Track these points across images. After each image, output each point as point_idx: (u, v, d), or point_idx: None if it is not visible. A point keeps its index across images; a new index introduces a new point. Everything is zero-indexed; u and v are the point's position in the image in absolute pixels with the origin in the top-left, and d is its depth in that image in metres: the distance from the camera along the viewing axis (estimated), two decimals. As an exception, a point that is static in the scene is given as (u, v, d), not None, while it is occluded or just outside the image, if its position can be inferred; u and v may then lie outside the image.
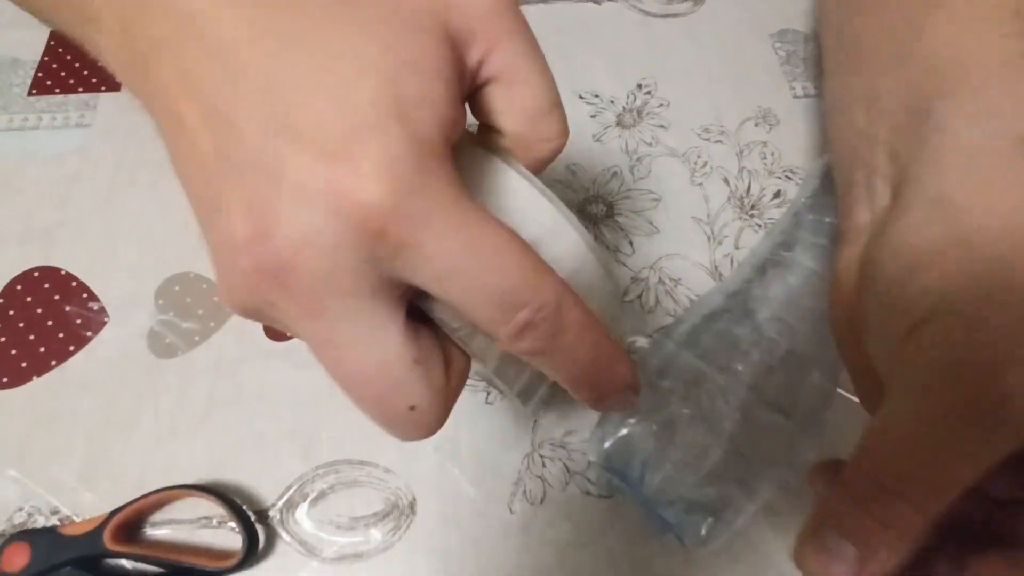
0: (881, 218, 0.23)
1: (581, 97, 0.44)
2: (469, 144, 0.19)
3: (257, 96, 0.15)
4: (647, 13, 0.48)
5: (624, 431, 0.28)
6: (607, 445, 0.28)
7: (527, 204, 0.19)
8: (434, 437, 0.32)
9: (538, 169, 0.21)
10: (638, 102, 0.44)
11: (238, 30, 0.16)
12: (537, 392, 0.22)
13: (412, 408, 0.17)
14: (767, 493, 0.27)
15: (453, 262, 0.16)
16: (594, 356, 0.18)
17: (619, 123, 0.43)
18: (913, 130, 0.22)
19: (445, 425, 0.32)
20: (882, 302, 0.20)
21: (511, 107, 0.19)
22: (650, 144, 0.42)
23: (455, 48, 0.17)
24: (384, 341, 0.17)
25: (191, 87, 0.16)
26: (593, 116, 0.43)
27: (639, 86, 0.44)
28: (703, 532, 0.26)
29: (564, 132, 0.20)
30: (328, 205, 0.15)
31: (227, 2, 0.16)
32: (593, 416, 0.32)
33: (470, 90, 0.19)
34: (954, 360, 0.18)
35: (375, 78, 0.15)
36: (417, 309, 0.18)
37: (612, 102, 0.44)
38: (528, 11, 0.50)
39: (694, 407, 0.27)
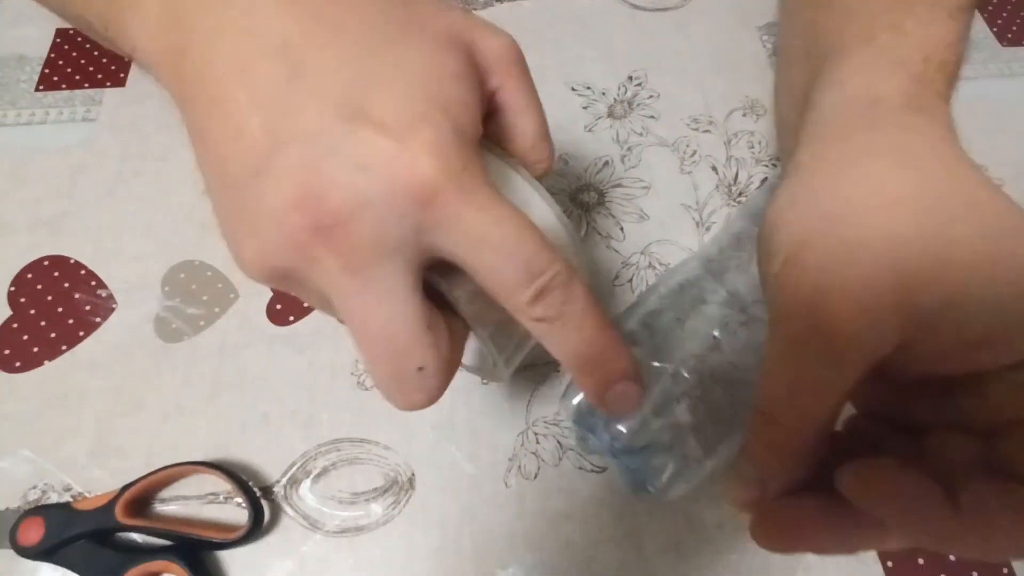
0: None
1: (573, 89, 0.45)
2: (483, 149, 0.23)
3: (322, 87, 0.18)
4: (638, 7, 0.49)
5: None
6: (575, 401, 0.30)
7: (528, 199, 0.23)
8: (432, 415, 0.34)
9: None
10: (629, 93, 0.45)
11: (304, 36, 0.18)
12: (517, 358, 0.25)
13: (421, 369, 0.19)
14: (729, 450, 0.28)
15: (487, 233, 0.18)
16: (595, 335, 0.20)
17: (610, 114, 0.44)
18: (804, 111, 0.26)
19: (442, 403, 0.34)
20: (761, 251, 0.23)
21: (513, 132, 0.23)
22: (640, 134, 0.43)
23: (479, 74, 0.21)
24: (407, 303, 0.19)
25: (244, 74, 0.18)
26: (585, 107, 0.44)
27: (630, 78, 0.45)
28: (664, 478, 0.27)
29: (551, 158, 0.24)
30: (387, 175, 0.17)
31: (289, 11, 0.18)
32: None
33: (483, 112, 0.22)
34: (796, 297, 0.20)
35: (427, 80, 0.19)
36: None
37: (604, 93, 0.45)
38: (523, 6, 0.51)
39: (661, 361, 0.28)
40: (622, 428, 0.29)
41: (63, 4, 0.26)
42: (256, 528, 0.30)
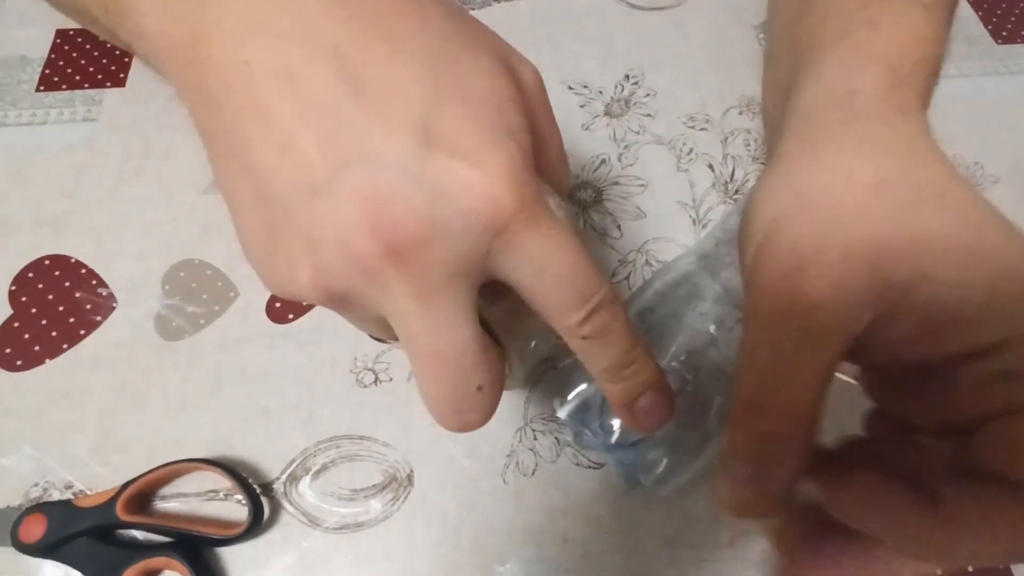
0: None
1: (571, 88, 0.45)
2: None
3: (389, 105, 0.17)
4: (634, 6, 0.49)
5: (584, 385, 0.30)
6: (570, 397, 0.30)
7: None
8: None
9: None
10: (626, 92, 0.45)
11: (358, 44, 0.17)
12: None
13: (479, 389, 0.19)
14: (723, 445, 0.28)
15: (550, 259, 0.19)
16: (629, 348, 0.21)
17: (607, 112, 0.44)
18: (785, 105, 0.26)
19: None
20: (741, 237, 0.23)
21: (539, 158, 0.23)
22: (637, 132, 0.43)
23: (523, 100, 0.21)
24: (469, 325, 0.19)
25: (291, 83, 0.17)
26: (582, 106, 0.44)
27: (627, 76, 0.46)
28: (658, 472, 0.28)
29: (569, 176, 0.25)
30: (465, 202, 0.17)
31: (336, 12, 0.17)
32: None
33: None
34: (772, 275, 0.20)
35: (493, 104, 0.19)
36: None
37: (601, 92, 0.45)
38: (520, 5, 0.52)
39: (656, 357, 0.29)
40: (614, 423, 0.29)
41: (85, 10, 0.24)
42: (256, 525, 0.30)
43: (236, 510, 0.32)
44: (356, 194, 0.17)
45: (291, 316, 0.36)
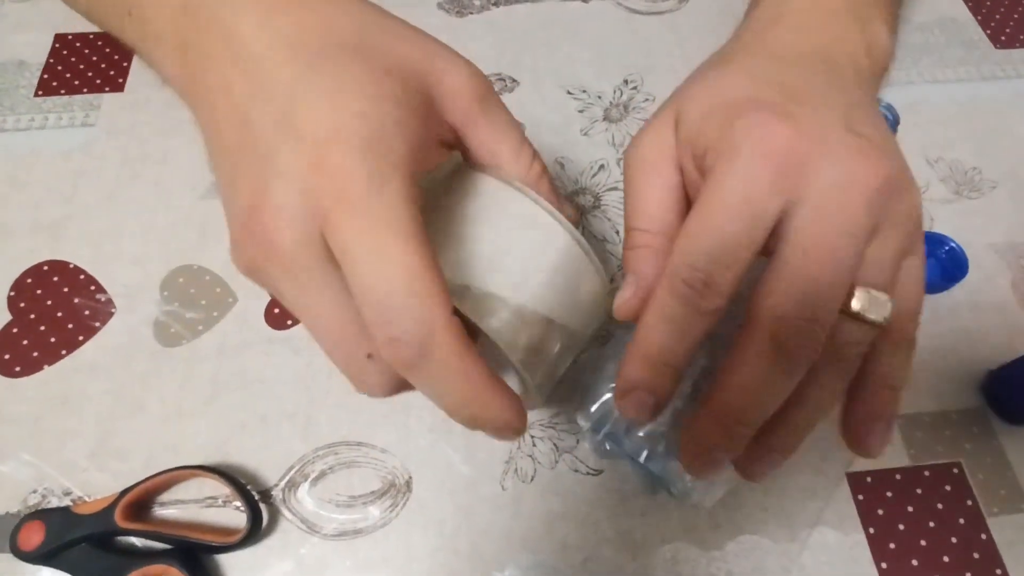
0: None
1: (569, 93, 0.45)
2: (469, 170, 0.25)
3: (272, 105, 0.20)
4: (633, 11, 0.49)
5: (608, 395, 0.30)
6: (593, 408, 0.30)
7: (531, 219, 0.24)
8: (428, 418, 0.34)
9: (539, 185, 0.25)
10: (624, 97, 0.45)
11: (271, 55, 0.21)
12: (549, 384, 0.27)
13: (369, 356, 0.21)
14: None
15: (355, 254, 0.19)
16: (459, 396, 0.20)
17: (606, 117, 0.44)
18: None
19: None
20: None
21: (496, 158, 0.25)
22: (636, 137, 0.43)
23: (429, 105, 0.23)
24: (333, 299, 0.21)
25: (227, 93, 0.21)
26: (581, 111, 0.44)
27: (625, 81, 0.46)
28: (688, 482, 0.27)
29: (536, 156, 0.26)
30: (300, 188, 0.20)
31: (268, 34, 0.22)
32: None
33: (456, 141, 0.25)
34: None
35: (358, 107, 0.20)
36: None
37: (599, 97, 0.45)
38: (518, 10, 0.52)
39: None
40: (641, 434, 0.29)
41: (108, 27, 0.29)
42: (255, 531, 0.30)
43: (234, 517, 0.32)
44: (244, 185, 0.21)
45: (289, 322, 0.36)
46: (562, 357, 0.25)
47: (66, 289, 0.37)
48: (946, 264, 0.38)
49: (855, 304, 0.23)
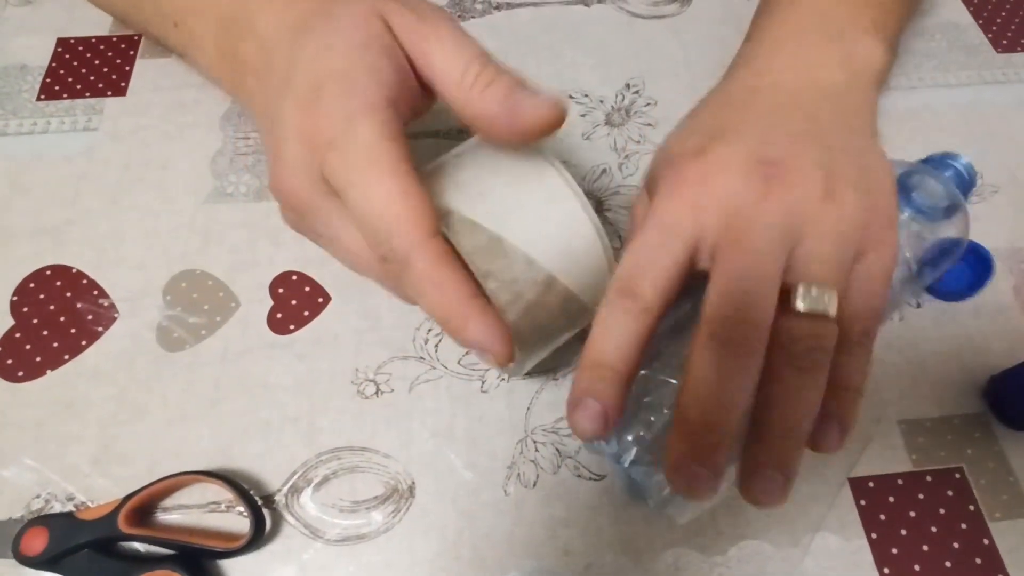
0: None
1: (571, 97, 0.45)
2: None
3: (277, 75, 0.27)
4: (635, 15, 0.49)
5: None
6: None
7: (538, 173, 0.28)
8: (431, 422, 0.34)
9: (541, 129, 0.26)
10: (626, 101, 0.45)
11: (277, 37, 0.28)
12: (531, 359, 0.31)
13: (384, 259, 0.25)
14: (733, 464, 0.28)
15: (343, 187, 0.24)
16: (441, 306, 0.24)
17: (608, 122, 0.44)
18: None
19: (441, 411, 0.34)
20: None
21: (444, 77, 0.27)
22: (638, 142, 0.43)
23: (392, 46, 0.27)
24: (344, 228, 0.27)
25: (258, 82, 0.29)
26: (583, 115, 0.44)
27: (627, 86, 0.46)
28: (665, 492, 0.28)
29: (490, 62, 0.27)
30: (298, 138, 0.25)
31: (276, 24, 0.29)
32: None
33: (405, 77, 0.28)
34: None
35: (339, 52, 0.25)
36: None
37: (601, 101, 0.45)
38: (520, 13, 0.52)
39: (663, 371, 0.28)
40: (629, 437, 0.29)
41: (150, 33, 0.39)
42: (258, 537, 0.31)
43: (238, 522, 0.32)
44: (292, 125, 0.26)
45: (292, 327, 0.36)
46: (554, 319, 0.28)
47: (69, 294, 0.37)
48: (974, 265, 0.38)
49: (794, 299, 0.24)
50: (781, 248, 0.25)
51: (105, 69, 0.45)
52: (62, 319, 0.36)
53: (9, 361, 0.35)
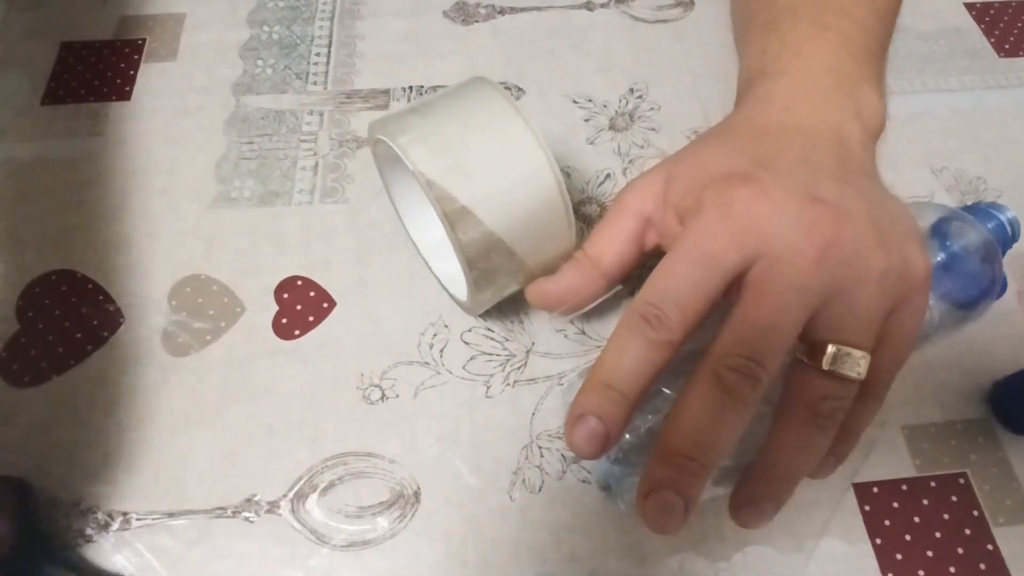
0: None
1: (575, 102, 0.45)
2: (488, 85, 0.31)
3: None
4: (638, 19, 0.49)
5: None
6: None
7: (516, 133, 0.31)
8: (436, 428, 0.34)
9: None
10: (630, 106, 0.45)
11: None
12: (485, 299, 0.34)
13: None
14: (724, 488, 0.27)
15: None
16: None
17: (612, 126, 0.44)
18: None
19: (446, 415, 0.34)
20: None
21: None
22: (642, 147, 0.43)
23: None
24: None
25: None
26: (586, 120, 0.44)
27: (631, 90, 0.46)
28: (632, 496, 0.27)
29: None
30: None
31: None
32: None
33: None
34: None
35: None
36: None
37: (605, 106, 0.45)
38: (522, 18, 0.52)
39: (666, 386, 0.28)
40: (627, 435, 0.29)
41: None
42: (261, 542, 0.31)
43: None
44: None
45: (297, 332, 0.36)
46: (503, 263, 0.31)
47: (74, 299, 0.37)
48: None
49: (825, 361, 0.24)
50: (812, 305, 0.24)
51: (109, 74, 0.45)
52: (67, 324, 0.36)
53: (15, 366, 0.35)
